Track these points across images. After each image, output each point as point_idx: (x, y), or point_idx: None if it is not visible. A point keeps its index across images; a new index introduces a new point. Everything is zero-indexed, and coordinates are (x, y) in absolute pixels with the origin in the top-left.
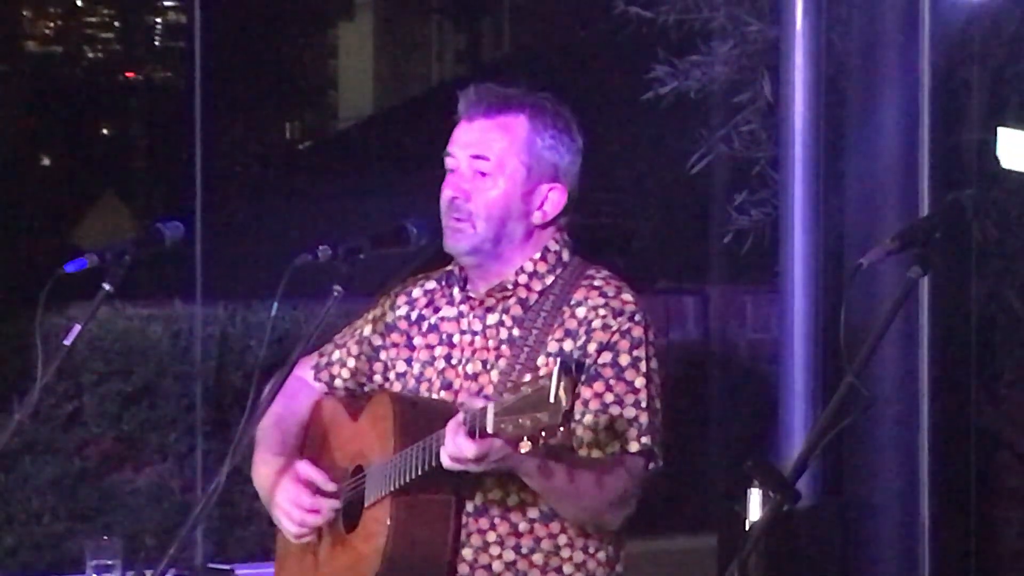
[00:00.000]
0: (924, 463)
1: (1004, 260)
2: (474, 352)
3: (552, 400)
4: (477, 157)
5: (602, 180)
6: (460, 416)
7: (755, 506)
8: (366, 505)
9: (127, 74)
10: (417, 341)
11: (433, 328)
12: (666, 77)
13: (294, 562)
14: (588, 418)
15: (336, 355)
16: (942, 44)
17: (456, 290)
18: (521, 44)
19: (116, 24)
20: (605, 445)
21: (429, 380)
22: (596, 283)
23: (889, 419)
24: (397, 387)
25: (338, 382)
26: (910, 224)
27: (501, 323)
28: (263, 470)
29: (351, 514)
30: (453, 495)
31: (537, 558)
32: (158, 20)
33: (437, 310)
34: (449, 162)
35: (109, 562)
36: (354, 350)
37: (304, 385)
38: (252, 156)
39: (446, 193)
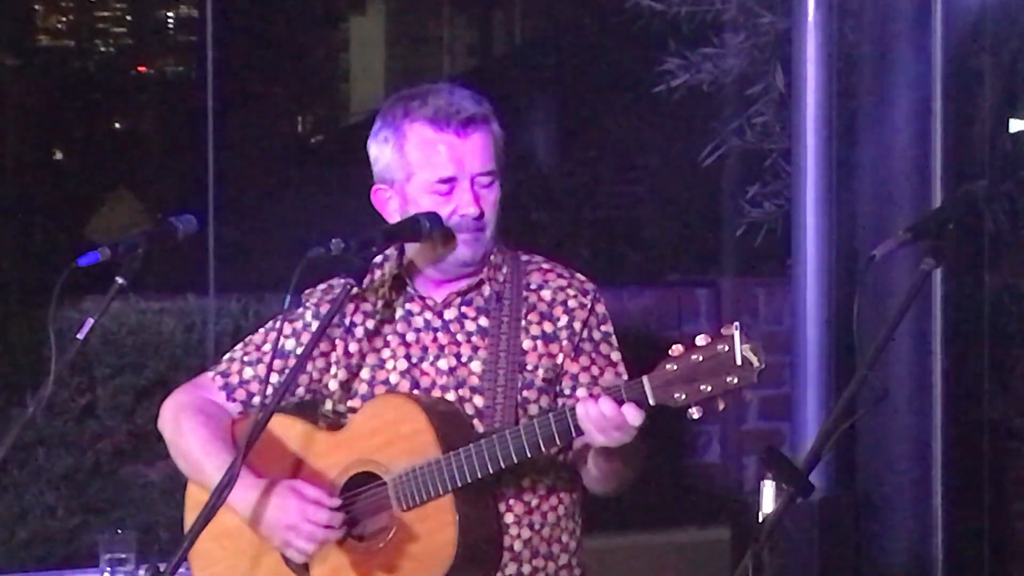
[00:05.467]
0: (937, 455)
1: (1017, 251)
2: (442, 348)
3: (739, 363)
4: (484, 174)
5: (614, 173)
6: (610, 391)
7: (768, 498)
8: (405, 507)
9: (139, 68)
10: (353, 348)
11: (373, 333)
12: (678, 70)
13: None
14: (580, 392)
15: (250, 372)
16: (954, 35)
17: (392, 292)
18: (532, 37)
19: (128, 18)
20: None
21: (387, 382)
22: (544, 266)
23: (902, 411)
24: (339, 395)
25: (256, 399)
26: (923, 216)
27: (463, 316)
28: (251, 496)
29: (354, 522)
30: (494, 481)
31: (545, 532)
32: (170, 14)
33: (369, 315)
34: (445, 186)
35: (123, 555)
36: (276, 365)
37: (219, 408)
38: (264, 150)
39: (469, 211)
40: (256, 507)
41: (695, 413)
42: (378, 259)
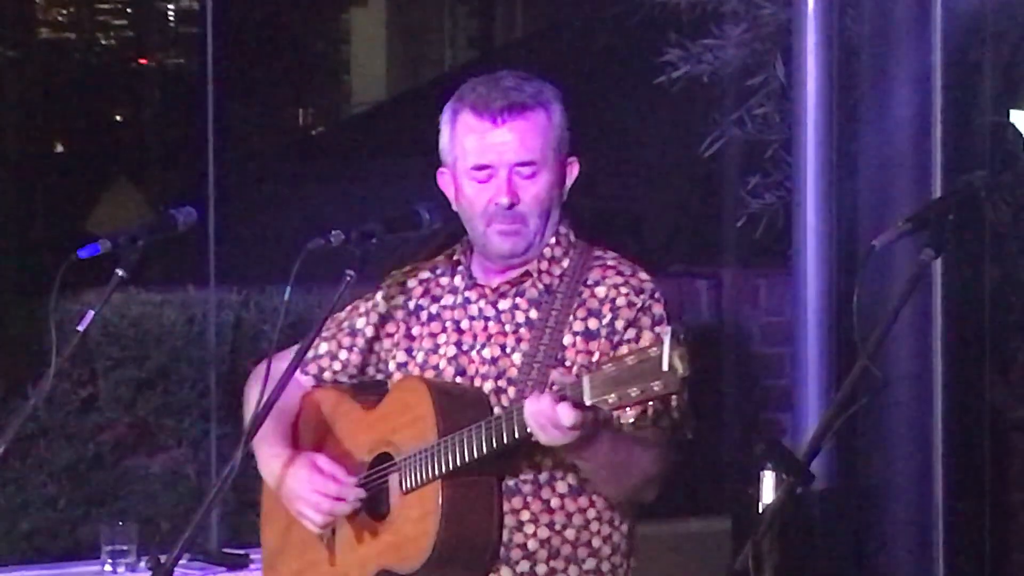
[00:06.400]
0: (937, 446)
1: (1017, 242)
2: (489, 337)
3: (666, 368)
4: (523, 164)
5: (614, 164)
6: (553, 388)
7: (769, 489)
8: (404, 490)
9: (140, 60)
10: (416, 331)
11: (434, 317)
12: (678, 61)
13: (294, 555)
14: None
15: (324, 348)
16: (954, 26)
17: (458, 278)
18: (534, 28)
19: (129, 11)
20: (635, 419)
21: (436, 367)
22: (609, 263)
23: (902, 401)
24: (397, 377)
25: (327, 375)
26: (923, 206)
27: (516, 307)
28: (274, 464)
29: (376, 502)
30: (496, 475)
31: (569, 533)
32: (170, 6)
33: (436, 299)
34: (483, 173)
35: (124, 547)
36: (345, 342)
37: (291, 379)
38: (265, 141)
39: (501, 200)
40: (278, 477)
41: (630, 417)
42: (461, 244)
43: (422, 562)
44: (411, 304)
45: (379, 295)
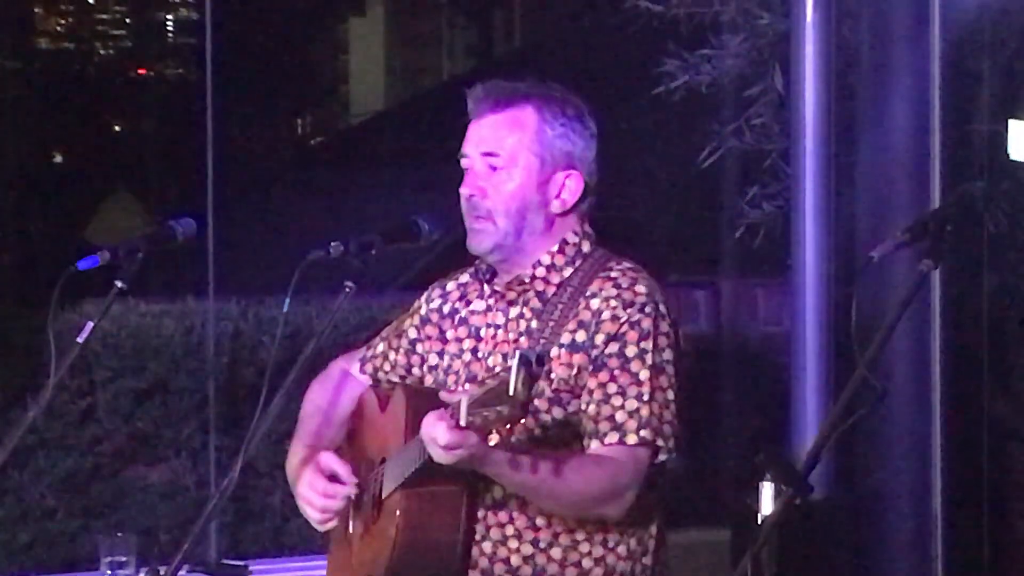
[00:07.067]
0: (936, 455)
1: (1016, 252)
2: (496, 345)
3: (511, 393)
4: (488, 154)
5: (613, 174)
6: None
7: (767, 499)
8: (384, 496)
9: (139, 71)
10: (449, 334)
11: (463, 321)
12: (677, 71)
13: (336, 551)
14: (591, 408)
15: (380, 348)
16: (952, 36)
17: (485, 284)
18: (532, 38)
19: (128, 21)
20: (604, 435)
21: (456, 373)
22: (612, 274)
23: (901, 412)
24: (429, 379)
25: (380, 375)
26: (921, 216)
27: (521, 316)
28: (293, 460)
29: (378, 505)
30: (464, 486)
31: (555, 552)
32: (169, 16)
33: (468, 303)
34: (464, 162)
35: (123, 558)
36: (395, 343)
37: (349, 378)
38: (264, 152)
39: (463, 192)
40: (293, 476)
41: (492, 439)
42: None
43: (384, 568)
44: (446, 307)
45: (423, 297)
